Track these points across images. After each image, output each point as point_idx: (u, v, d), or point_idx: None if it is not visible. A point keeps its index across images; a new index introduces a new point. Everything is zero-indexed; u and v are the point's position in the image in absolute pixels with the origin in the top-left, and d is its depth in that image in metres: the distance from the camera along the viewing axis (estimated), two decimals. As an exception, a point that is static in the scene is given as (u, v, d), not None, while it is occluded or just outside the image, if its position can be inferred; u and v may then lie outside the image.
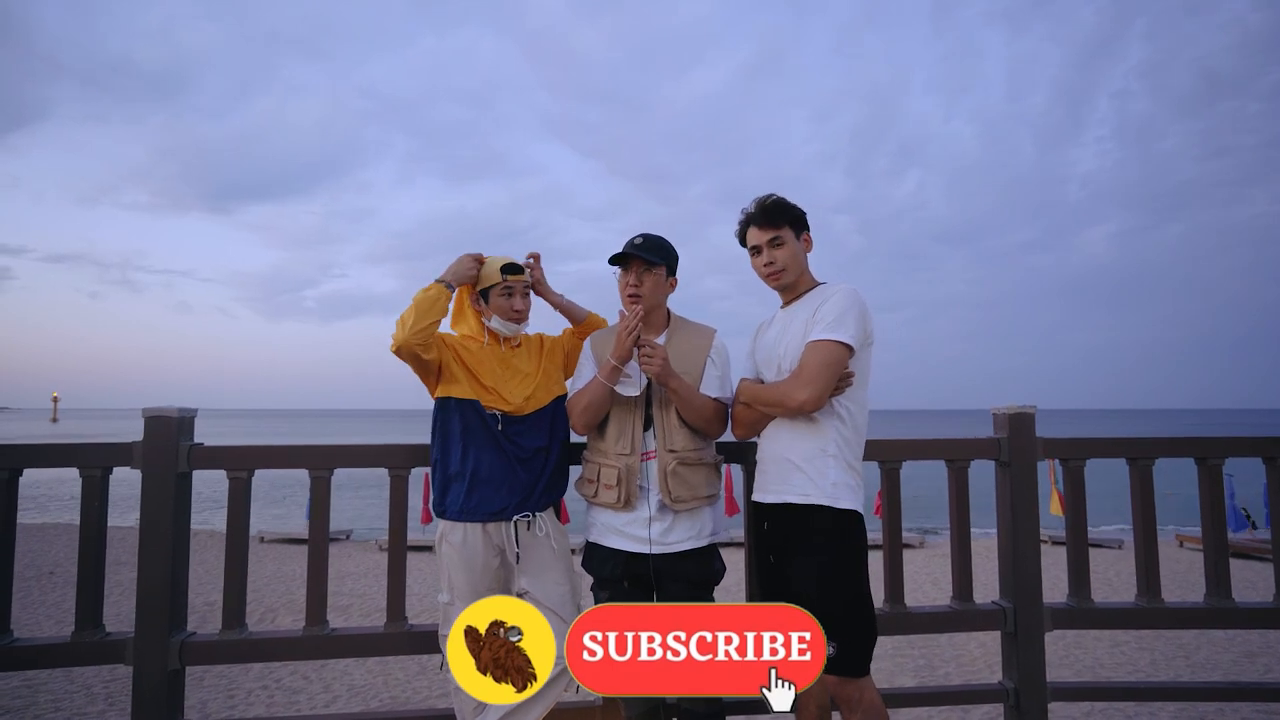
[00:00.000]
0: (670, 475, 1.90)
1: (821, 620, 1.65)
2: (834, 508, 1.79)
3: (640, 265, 1.96)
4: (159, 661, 2.08)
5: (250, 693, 5.50)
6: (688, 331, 2.05)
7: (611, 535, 1.96)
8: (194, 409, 2.21)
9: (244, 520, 2.23)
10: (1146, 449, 2.44)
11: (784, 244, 1.91)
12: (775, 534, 1.89)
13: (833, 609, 1.70)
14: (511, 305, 2.04)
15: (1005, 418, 2.41)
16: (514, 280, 2.04)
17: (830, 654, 1.67)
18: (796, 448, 1.84)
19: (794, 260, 1.93)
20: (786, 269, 1.92)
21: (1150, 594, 2.40)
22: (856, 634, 1.75)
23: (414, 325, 1.88)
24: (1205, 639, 6.90)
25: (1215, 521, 2.44)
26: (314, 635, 2.19)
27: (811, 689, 1.87)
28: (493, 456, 1.95)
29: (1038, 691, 2.32)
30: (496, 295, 2.03)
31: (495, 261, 2.04)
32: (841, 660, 1.70)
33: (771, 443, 1.92)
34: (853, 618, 1.75)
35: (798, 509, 1.82)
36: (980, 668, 6.15)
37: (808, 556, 1.79)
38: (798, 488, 1.82)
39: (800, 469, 1.83)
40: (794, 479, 1.83)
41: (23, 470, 2.15)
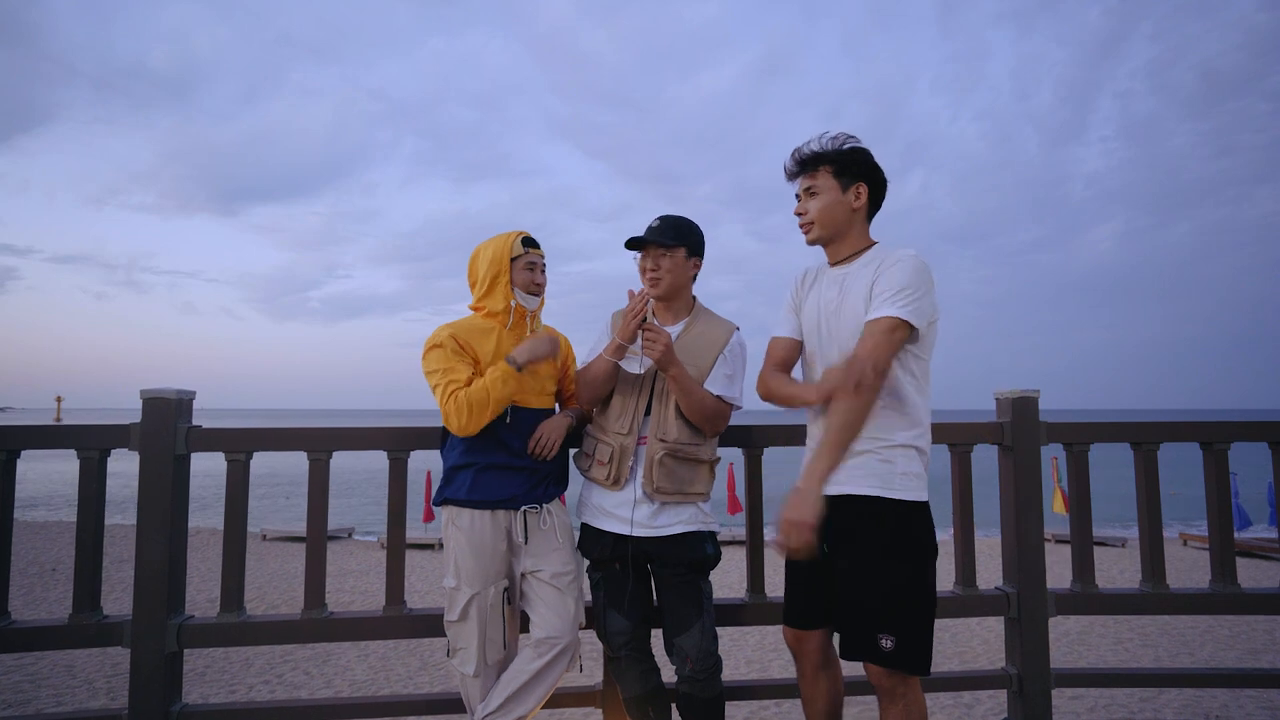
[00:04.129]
0: (656, 465, 1.87)
1: (881, 614, 1.62)
2: (905, 500, 1.66)
3: (657, 249, 1.93)
4: (157, 644, 2.07)
5: (251, 687, 5.49)
6: (706, 323, 2.00)
7: (602, 517, 1.95)
8: (192, 391, 2.20)
9: (242, 503, 2.22)
10: (1151, 433, 2.42)
11: (818, 194, 1.72)
12: (831, 523, 1.69)
13: (895, 603, 1.62)
14: (533, 279, 2.03)
15: (1008, 402, 2.39)
16: (534, 254, 2.03)
17: (887, 648, 1.61)
18: (862, 436, 1.65)
19: (828, 214, 1.72)
20: (816, 223, 1.73)
21: (1155, 579, 2.38)
22: (919, 629, 1.64)
23: (482, 419, 1.85)
24: (1209, 635, 6.88)
25: (1220, 507, 2.42)
26: (313, 618, 2.18)
27: (821, 684, 1.86)
28: (501, 447, 1.93)
29: (1042, 677, 2.30)
30: (520, 269, 2.01)
31: (510, 236, 2.02)
32: (900, 655, 1.61)
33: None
34: (917, 612, 1.64)
35: (862, 500, 1.66)
36: (983, 663, 6.12)
37: (878, 553, 1.65)
38: (863, 478, 1.67)
39: (866, 458, 1.66)
40: (858, 468, 1.67)
41: (20, 452, 2.14)
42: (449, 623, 1.92)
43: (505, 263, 1.99)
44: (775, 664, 6.20)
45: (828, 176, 1.72)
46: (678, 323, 2.00)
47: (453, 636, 1.92)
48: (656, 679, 2.01)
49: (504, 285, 1.99)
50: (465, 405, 1.83)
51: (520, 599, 1.98)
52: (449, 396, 1.84)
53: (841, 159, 1.71)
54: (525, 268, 2.01)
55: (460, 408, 1.83)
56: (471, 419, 1.84)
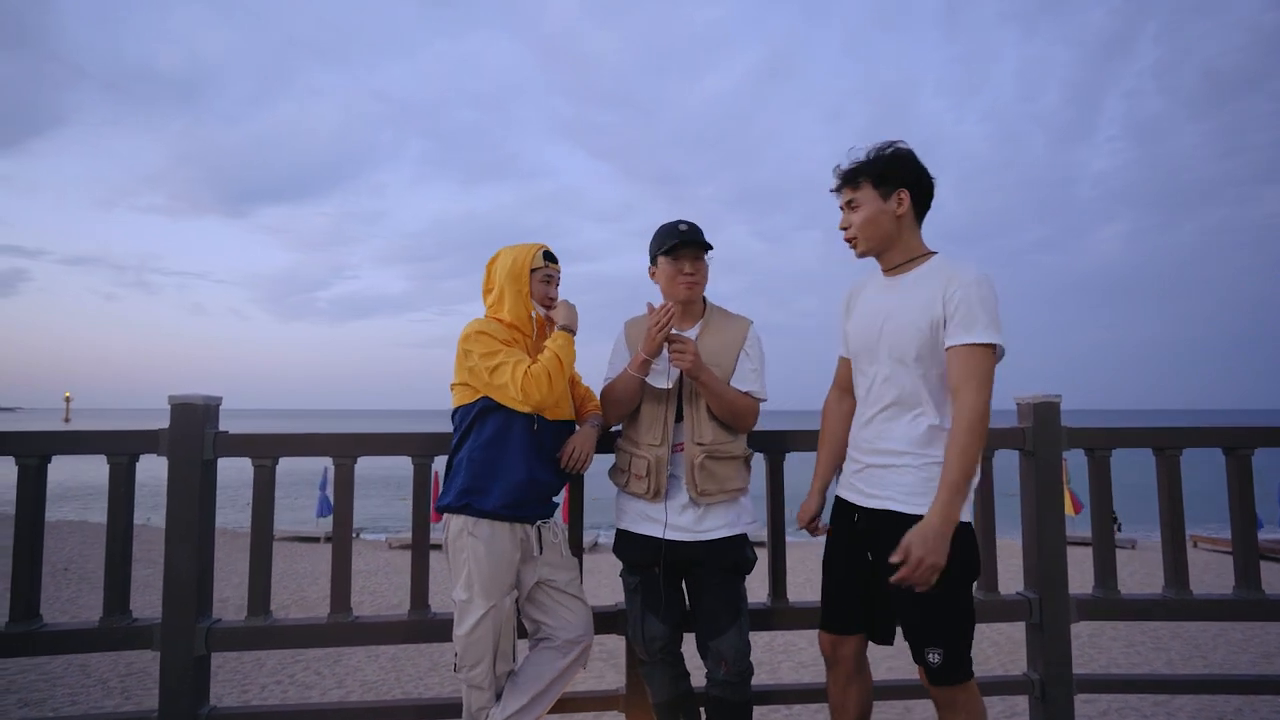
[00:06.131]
0: (698, 469, 1.88)
1: (929, 629, 1.63)
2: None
3: (696, 252, 1.93)
4: (186, 647, 2.09)
5: (264, 687, 5.53)
6: (723, 323, 2.02)
7: (642, 522, 1.96)
8: (219, 396, 2.22)
9: (269, 508, 2.24)
10: (1174, 439, 2.41)
11: (859, 206, 1.70)
12: (872, 534, 1.71)
13: (943, 619, 1.62)
14: (548, 292, 2.03)
15: (1030, 407, 2.39)
16: (554, 268, 2.04)
17: (935, 663, 1.61)
18: (907, 449, 1.66)
19: (872, 225, 1.70)
20: (860, 236, 1.72)
21: (1178, 585, 2.38)
22: (962, 640, 1.65)
23: (561, 383, 1.87)
24: (1223, 639, 6.84)
25: (1244, 514, 2.41)
26: (339, 623, 2.19)
27: (853, 693, 1.85)
28: (527, 459, 1.90)
29: (1064, 683, 2.30)
30: (537, 282, 2.00)
31: (531, 248, 2.01)
32: (947, 668, 1.61)
33: (872, 439, 1.73)
34: (961, 625, 1.65)
35: (911, 519, 1.59)
36: (994, 666, 6.11)
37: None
38: (909, 496, 1.65)
39: (911, 474, 1.65)
40: (902, 482, 1.66)
41: (51, 457, 2.17)
42: (459, 636, 1.84)
43: (525, 274, 1.98)
44: (784, 666, 6.20)
45: (868, 188, 1.70)
46: (694, 325, 2.01)
47: (463, 649, 1.84)
48: (686, 684, 2.02)
49: (523, 296, 1.98)
50: (544, 374, 1.83)
51: (530, 605, 1.97)
52: (524, 373, 1.82)
53: (879, 168, 1.69)
54: (542, 280, 2.01)
55: (539, 379, 1.82)
56: (553, 386, 1.84)
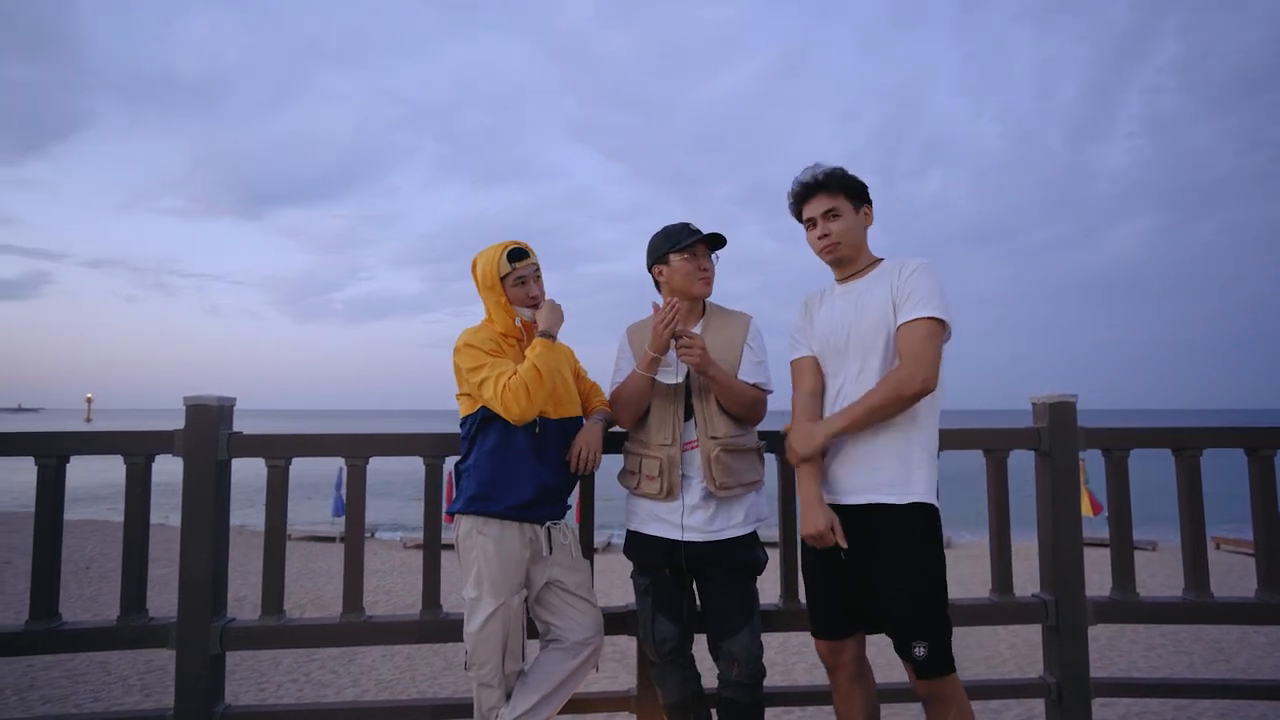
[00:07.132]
0: (714, 462, 1.88)
1: (913, 622, 1.66)
2: (924, 504, 1.72)
3: (708, 249, 2.01)
4: (201, 646, 2.11)
5: (280, 685, 5.58)
6: (724, 319, 2.05)
7: (653, 523, 1.96)
8: (233, 397, 2.24)
9: (282, 508, 2.26)
10: (1193, 439, 2.37)
11: (840, 216, 1.83)
12: (853, 533, 1.76)
13: (925, 611, 1.66)
14: (527, 293, 1.94)
15: (1045, 407, 2.36)
16: (522, 266, 1.93)
17: (920, 656, 1.64)
18: (883, 442, 1.74)
19: (850, 233, 1.84)
20: (842, 242, 1.84)
21: (1199, 588, 2.34)
22: (944, 631, 1.69)
23: (540, 394, 1.82)
24: (1246, 643, 6.71)
25: (1267, 514, 2.36)
26: (352, 622, 2.21)
27: (857, 698, 1.85)
28: (532, 465, 1.90)
29: (1081, 687, 2.27)
30: (511, 286, 1.93)
31: (495, 253, 1.93)
32: (932, 661, 1.65)
33: (848, 437, 1.79)
34: (940, 615, 1.69)
35: (885, 509, 1.72)
36: (1010, 669, 6.03)
37: (903, 560, 1.70)
38: (887, 486, 1.73)
39: (887, 464, 1.73)
40: (881, 476, 1.73)
41: (70, 457, 2.20)
42: (469, 634, 1.86)
43: (496, 284, 1.92)
44: (799, 667, 6.16)
45: (843, 199, 1.84)
46: (696, 324, 2.04)
47: (472, 647, 1.85)
48: (697, 685, 2.02)
49: (502, 306, 1.94)
50: (521, 387, 1.80)
51: (539, 606, 1.97)
52: (503, 387, 1.81)
53: (848, 183, 1.85)
54: (515, 284, 1.93)
55: (517, 392, 1.79)
56: (531, 399, 1.81)
